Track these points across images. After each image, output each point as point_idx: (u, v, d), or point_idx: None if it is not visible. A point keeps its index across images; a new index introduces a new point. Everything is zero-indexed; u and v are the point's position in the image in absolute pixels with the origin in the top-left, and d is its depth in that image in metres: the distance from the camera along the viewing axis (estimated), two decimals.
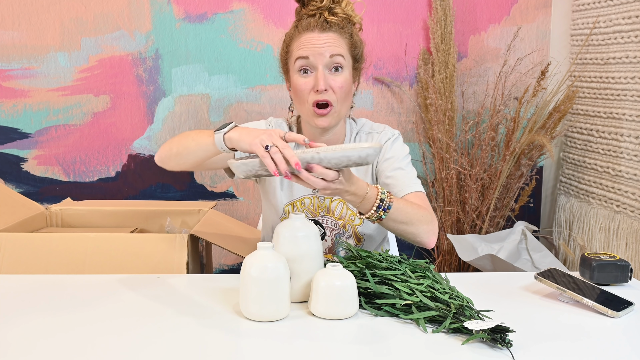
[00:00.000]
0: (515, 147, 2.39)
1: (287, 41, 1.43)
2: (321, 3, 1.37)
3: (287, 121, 1.54)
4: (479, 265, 2.26)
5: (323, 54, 1.35)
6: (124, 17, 2.43)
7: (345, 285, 1.11)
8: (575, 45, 2.49)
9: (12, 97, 2.45)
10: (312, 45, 1.36)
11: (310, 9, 1.38)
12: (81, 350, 0.98)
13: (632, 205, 2.17)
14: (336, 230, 1.49)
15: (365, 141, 1.49)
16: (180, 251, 1.49)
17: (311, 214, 1.49)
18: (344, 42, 1.38)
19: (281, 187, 1.49)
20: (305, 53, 1.36)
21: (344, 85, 1.37)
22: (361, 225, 1.48)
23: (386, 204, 1.28)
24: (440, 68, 2.44)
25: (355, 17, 1.42)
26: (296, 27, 1.40)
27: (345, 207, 1.48)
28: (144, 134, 2.50)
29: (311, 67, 1.37)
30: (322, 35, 1.36)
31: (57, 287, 1.27)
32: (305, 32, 1.37)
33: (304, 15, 1.40)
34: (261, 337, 1.04)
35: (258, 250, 1.11)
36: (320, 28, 1.37)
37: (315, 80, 1.36)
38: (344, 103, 1.39)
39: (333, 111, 1.38)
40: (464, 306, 1.08)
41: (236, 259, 2.58)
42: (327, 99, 1.36)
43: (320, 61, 1.36)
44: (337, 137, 1.47)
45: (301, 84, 1.38)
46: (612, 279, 1.30)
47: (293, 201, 1.49)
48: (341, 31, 1.38)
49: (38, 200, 2.45)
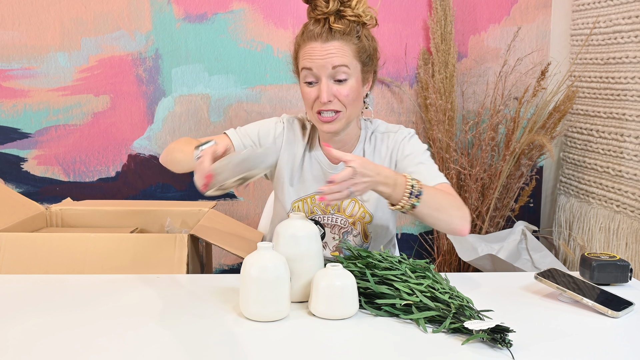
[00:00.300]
0: (515, 147, 2.38)
1: (296, 46, 1.42)
2: (327, 8, 1.34)
3: (301, 120, 1.54)
4: (479, 265, 2.26)
5: (325, 65, 1.34)
6: (124, 17, 2.43)
7: (345, 285, 1.11)
8: (575, 45, 2.49)
9: (12, 97, 2.45)
10: (315, 57, 1.34)
11: (317, 13, 1.36)
12: (81, 350, 0.98)
13: (632, 205, 2.17)
14: (345, 228, 1.49)
15: (380, 141, 1.49)
16: (180, 251, 1.49)
17: (321, 211, 1.49)
18: (349, 50, 1.35)
19: (291, 183, 1.49)
20: (308, 65, 1.35)
21: (350, 93, 1.36)
22: (371, 224, 1.48)
23: (417, 190, 1.25)
24: (440, 68, 2.44)
25: (366, 17, 1.38)
26: (302, 34, 1.39)
27: (357, 205, 1.48)
28: (144, 134, 2.50)
29: (315, 77, 1.36)
30: (325, 46, 1.34)
31: (57, 287, 1.27)
32: (309, 42, 1.36)
33: (311, 19, 1.38)
34: (261, 337, 1.04)
35: (258, 250, 1.11)
36: (324, 38, 1.34)
37: (319, 91, 1.35)
38: (352, 108, 1.38)
39: (341, 116, 1.37)
40: (464, 306, 1.08)
41: (236, 259, 2.58)
42: (332, 108, 1.36)
43: (324, 73, 1.34)
44: (349, 138, 1.46)
45: (307, 92, 1.38)
46: (612, 279, 1.30)
47: (304, 197, 1.49)
48: (347, 37, 1.35)
49: (38, 200, 2.45)
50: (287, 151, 1.51)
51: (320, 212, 1.49)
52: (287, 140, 1.51)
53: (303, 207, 1.49)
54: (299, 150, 1.50)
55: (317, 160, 1.50)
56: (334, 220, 1.49)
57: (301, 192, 1.49)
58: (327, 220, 1.49)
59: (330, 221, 1.49)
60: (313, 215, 1.49)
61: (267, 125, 1.53)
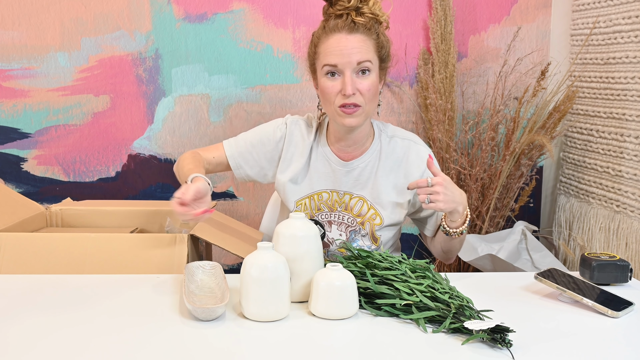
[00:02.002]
0: (515, 147, 2.38)
1: (315, 42, 1.43)
2: (349, 3, 1.36)
3: (307, 119, 1.55)
4: (479, 265, 2.26)
5: (351, 60, 1.36)
6: (124, 17, 2.43)
7: (345, 285, 1.11)
8: (575, 45, 2.49)
9: (12, 97, 2.45)
10: (340, 50, 1.36)
11: (338, 8, 1.37)
12: (81, 350, 0.98)
13: (632, 205, 2.17)
14: (352, 227, 1.49)
15: (400, 147, 1.52)
16: (180, 251, 1.49)
17: (328, 208, 1.50)
18: (371, 44, 1.38)
19: (295, 182, 1.50)
20: (333, 60, 1.37)
21: (372, 87, 1.38)
22: (380, 226, 1.48)
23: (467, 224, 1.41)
24: (440, 68, 2.44)
25: (382, 17, 1.41)
26: (323, 28, 1.40)
27: (365, 205, 1.49)
28: (144, 134, 2.50)
29: (338, 71, 1.37)
30: (350, 37, 1.36)
31: (57, 287, 1.27)
32: (333, 34, 1.37)
33: (331, 15, 1.39)
34: (261, 337, 1.04)
35: (258, 250, 1.11)
36: (348, 29, 1.36)
37: (342, 84, 1.37)
38: (371, 103, 1.41)
39: (361, 111, 1.39)
40: (464, 306, 1.08)
41: (236, 259, 2.58)
42: (354, 102, 1.37)
43: (348, 67, 1.36)
44: (362, 134, 1.48)
45: (329, 87, 1.39)
46: (612, 279, 1.30)
47: (310, 194, 1.49)
48: (368, 32, 1.38)
49: (38, 200, 2.45)
50: (290, 152, 1.52)
51: (327, 209, 1.50)
52: (288, 141, 1.52)
53: (310, 204, 1.50)
54: (305, 148, 1.51)
55: (325, 158, 1.50)
56: (341, 218, 1.49)
57: (307, 189, 1.50)
58: (334, 218, 1.49)
59: (337, 218, 1.49)
60: (320, 212, 1.50)
61: (267, 130, 1.54)
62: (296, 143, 1.52)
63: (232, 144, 1.56)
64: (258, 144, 1.53)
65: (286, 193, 1.50)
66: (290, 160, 1.51)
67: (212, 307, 1.07)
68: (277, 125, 1.54)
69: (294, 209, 1.49)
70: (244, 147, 1.54)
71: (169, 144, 2.51)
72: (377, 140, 1.51)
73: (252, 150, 1.54)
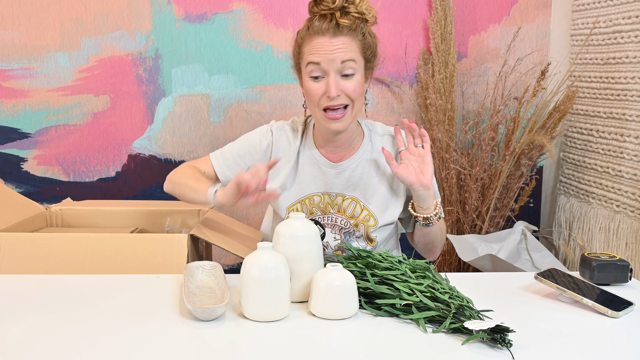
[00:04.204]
0: (515, 147, 2.39)
1: (299, 41, 1.41)
2: (333, 4, 1.34)
3: (292, 123, 1.54)
4: (479, 265, 2.26)
5: (334, 60, 1.34)
6: (124, 17, 2.43)
7: (345, 285, 1.11)
8: (575, 45, 2.49)
9: (12, 97, 2.45)
10: (324, 51, 1.34)
11: (322, 8, 1.36)
12: (81, 350, 0.98)
13: (632, 205, 2.17)
14: (346, 229, 1.48)
15: (390, 145, 1.53)
16: (180, 251, 1.49)
17: (321, 211, 1.48)
18: (355, 45, 1.36)
19: (284, 188, 1.49)
20: (316, 59, 1.35)
21: (357, 88, 1.37)
22: (375, 227, 1.48)
23: (440, 212, 1.46)
24: (440, 68, 2.44)
25: (369, 14, 1.39)
26: (307, 29, 1.38)
27: (358, 206, 1.48)
28: (144, 134, 2.50)
29: (322, 72, 1.36)
30: (334, 41, 1.34)
31: (57, 287, 1.27)
32: (317, 37, 1.36)
33: (315, 15, 1.37)
34: (261, 337, 1.04)
35: (258, 250, 1.11)
36: (332, 33, 1.34)
37: (326, 86, 1.35)
38: (357, 103, 1.39)
39: (347, 114, 1.38)
40: (464, 306, 1.08)
41: (236, 259, 2.58)
42: (339, 103, 1.36)
43: (332, 67, 1.34)
44: (349, 135, 1.46)
45: (313, 88, 1.37)
46: (612, 279, 1.29)
47: (301, 199, 1.48)
48: (353, 33, 1.36)
49: (38, 200, 2.45)
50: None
51: (320, 212, 1.49)
52: (276, 149, 1.51)
53: (301, 208, 1.48)
54: (292, 153, 1.49)
55: (314, 160, 1.49)
56: (334, 220, 1.48)
57: (298, 194, 1.49)
58: (327, 220, 1.49)
59: (330, 221, 1.49)
60: (312, 216, 1.49)
61: (254, 140, 1.52)
62: (283, 149, 1.51)
63: (218, 157, 1.54)
64: (246, 155, 1.51)
65: (277, 200, 1.49)
66: (279, 167, 1.50)
67: (212, 307, 1.07)
68: (262, 133, 1.52)
69: (286, 216, 1.48)
70: (232, 160, 1.52)
71: (169, 144, 2.51)
72: (368, 140, 1.50)
73: (240, 162, 1.51)
